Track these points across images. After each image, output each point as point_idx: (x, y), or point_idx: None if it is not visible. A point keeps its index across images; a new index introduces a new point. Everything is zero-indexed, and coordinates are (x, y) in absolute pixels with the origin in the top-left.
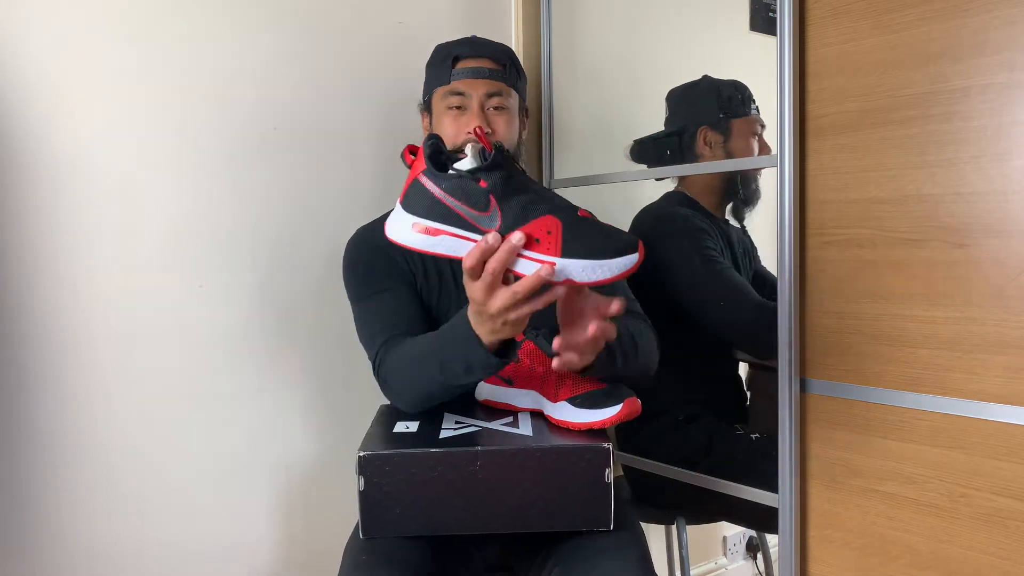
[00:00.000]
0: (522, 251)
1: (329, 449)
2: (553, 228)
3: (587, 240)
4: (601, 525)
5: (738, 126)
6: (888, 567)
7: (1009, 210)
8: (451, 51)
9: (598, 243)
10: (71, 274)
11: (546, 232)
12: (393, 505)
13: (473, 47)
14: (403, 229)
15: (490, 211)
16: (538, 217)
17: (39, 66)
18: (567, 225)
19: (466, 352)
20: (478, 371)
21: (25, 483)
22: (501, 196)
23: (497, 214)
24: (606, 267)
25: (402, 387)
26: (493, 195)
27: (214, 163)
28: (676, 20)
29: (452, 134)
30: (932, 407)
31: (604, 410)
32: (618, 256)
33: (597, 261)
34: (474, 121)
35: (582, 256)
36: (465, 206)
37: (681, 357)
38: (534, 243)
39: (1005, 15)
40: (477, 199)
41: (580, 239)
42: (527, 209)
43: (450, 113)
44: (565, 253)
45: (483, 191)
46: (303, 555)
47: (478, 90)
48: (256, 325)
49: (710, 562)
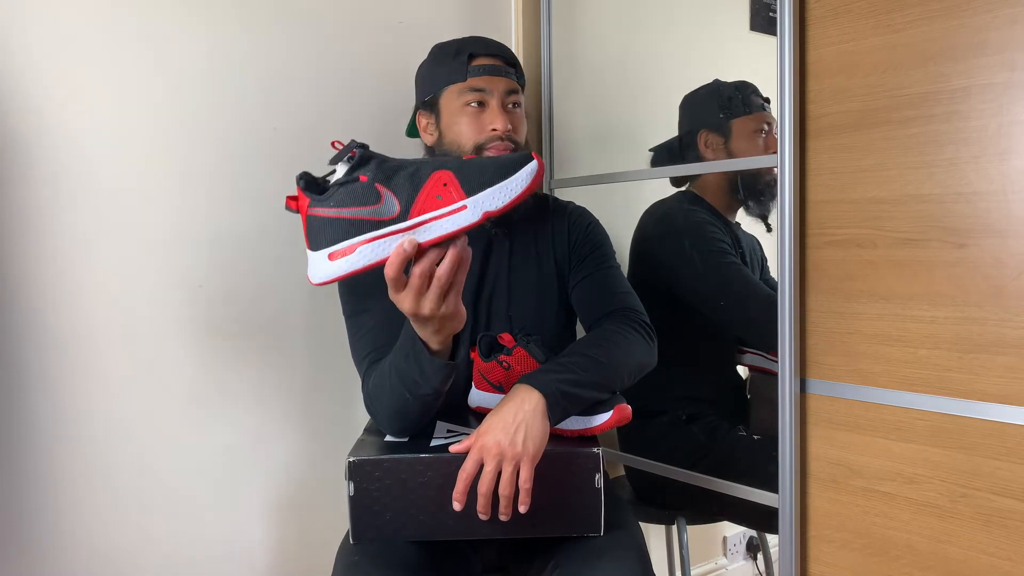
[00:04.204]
0: (433, 214)
1: (327, 450)
2: (447, 179)
3: (483, 171)
4: (591, 530)
5: (738, 126)
6: (888, 567)
7: (1009, 210)
8: (463, 48)
9: (493, 169)
10: (71, 274)
11: (442, 185)
12: (383, 511)
13: (485, 45)
14: (322, 266)
15: (383, 199)
16: (428, 177)
17: (40, 67)
18: (457, 169)
19: (419, 362)
20: (434, 379)
21: (25, 483)
22: (385, 180)
23: (392, 198)
24: (514, 182)
25: (380, 410)
26: (377, 183)
27: (214, 163)
28: (676, 20)
29: (472, 132)
30: (932, 407)
31: (594, 417)
32: (519, 169)
33: (502, 183)
34: (497, 118)
35: (487, 185)
36: (360, 208)
37: (685, 356)
38: (437, 200)
39: (1005, 15)
40: (366, 195)
41: (476, 174)
42: (415, 177)
43: (468, 111)
44: (469, 192)
45: (367, 185)
46: (300, 555)
47: (499, 87)
48: (255, 326)
49: (710, 562)
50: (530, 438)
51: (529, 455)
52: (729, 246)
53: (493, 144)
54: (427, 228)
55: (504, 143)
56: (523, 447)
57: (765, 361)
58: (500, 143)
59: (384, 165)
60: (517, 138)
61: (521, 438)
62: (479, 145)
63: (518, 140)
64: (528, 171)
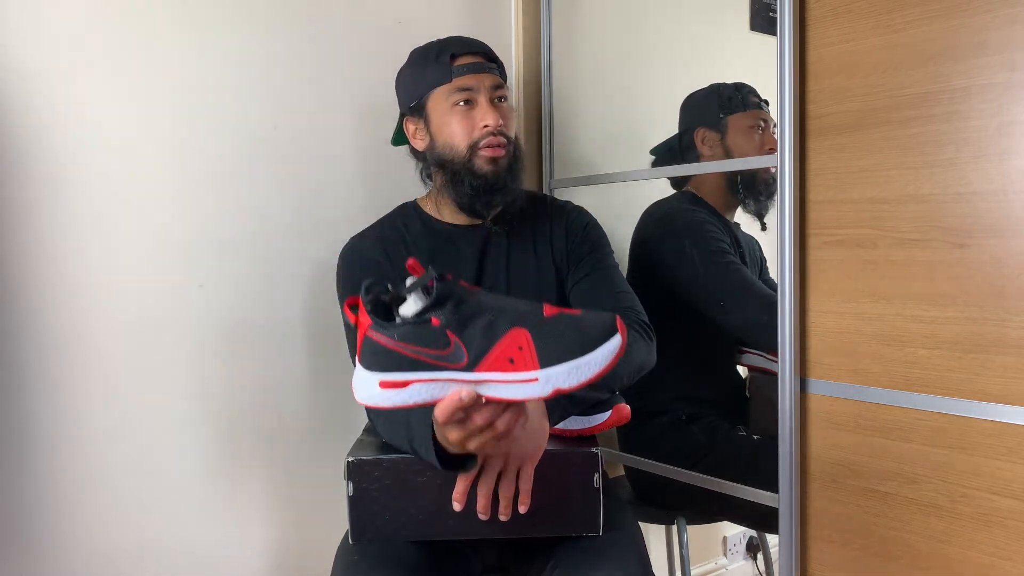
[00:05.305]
0: (501, 376)
1: (327, 450)
2: (523, 341)
3: (562, 340)
4: (590, 530)
5: (734, 122)
6: (888, 567)
7: (1009, 210)
8: (444, 49)
9: (574, 340)
10: (71, 274)
11: (517, 348)
12: (382, 511)
13: (465, 44)
14: (371, 389)
15: (452, 347)
16: (504, 335)
17: (40, 67)
18: (536, 332)
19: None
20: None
21: (25, 483)
22: (457, 328)
23: (461, 349)
24: (591, 362)
25: (377, 426)
26: (449, 330)
27: (214, 163)
28: (676, 20)
29: (464, 132)
30: (932, 407)
31: (593, 417)
32: (599, 346)
33: (580, 359)
34: (488, 114)
35: (562, 360)
36: (425, 350)
37: (685, 356)
38: (509, 364)
39: (1005, 15)
40: (435, 340)
41: (555, 342)
42: (489, 331)
43: (457, 111)
44: (544, 363)
45: (438, 330)
46: (300, 555)
47: (484, 83)
48: (255, 325)
49: (710, 562)
50: (530, 438)
51: (529, 455)
52: (729, 246)
53: (487, 140)
54: (491, 386)
55: (497, 138)
56: (523, 447)
57: (765, 361)
58: (493, 138)
59: (460, 309)
60: (508, 132)
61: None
62: (473, 144)
63: (509, 134)
64: (610, 349)
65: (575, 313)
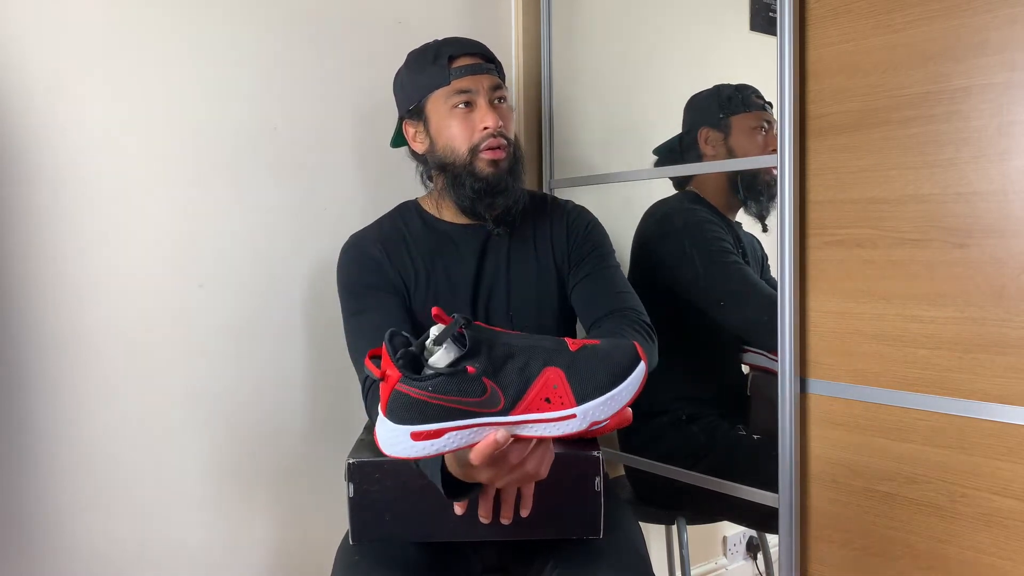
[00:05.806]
0: (538, 416)
1: (327, 450)
2: (557, 380)
3: (592, 375)
4: (591, 533)
5: (737, 122)
6: (888, 567)
7: (1009, 210)
8: (441, 51)
9: (604, 373)
10: (71, 274)
11: (553, 388)
12: (383, 512)
13: (462, 45)
14: (401, 442)
15: (489, 393)
16: (538, 375)
17: (40, 67)
18: (568, 370)
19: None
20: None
21: (25, 483)
22: (493, 373)
23: (498, 393)
24: (621, 392)
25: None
26: (485, 376)
27: (214, 163)
28: (676, 20)
29: (464, 134)
30: (932, 407)
31: None
32: (627, 377)
33: (611, 392)
34: (487, 116)
35: (598, 393)
36: (462, 398)
37: (685, 356)
38: (545, 403)
39: (1005, 15)
40: (472, 388)
41: (586, 378)
42: (524, 372)
43: (457, 113)
44: (580, 399)
45: (474, 378)
46: (300, 555)
47: (483, 84)
48: (255, 326)
49: (710, 562)
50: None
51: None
52: (730, 245)
53: (487, 142)
54: (528, 427)
55: (497, 139)
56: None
57: (768, 360)
58: (494, 140)
59: (493, 354)
60: (508, 133)
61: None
62: (474, 147)
63: (509, 135)
64: (636, 377)
65: (596, 343)
